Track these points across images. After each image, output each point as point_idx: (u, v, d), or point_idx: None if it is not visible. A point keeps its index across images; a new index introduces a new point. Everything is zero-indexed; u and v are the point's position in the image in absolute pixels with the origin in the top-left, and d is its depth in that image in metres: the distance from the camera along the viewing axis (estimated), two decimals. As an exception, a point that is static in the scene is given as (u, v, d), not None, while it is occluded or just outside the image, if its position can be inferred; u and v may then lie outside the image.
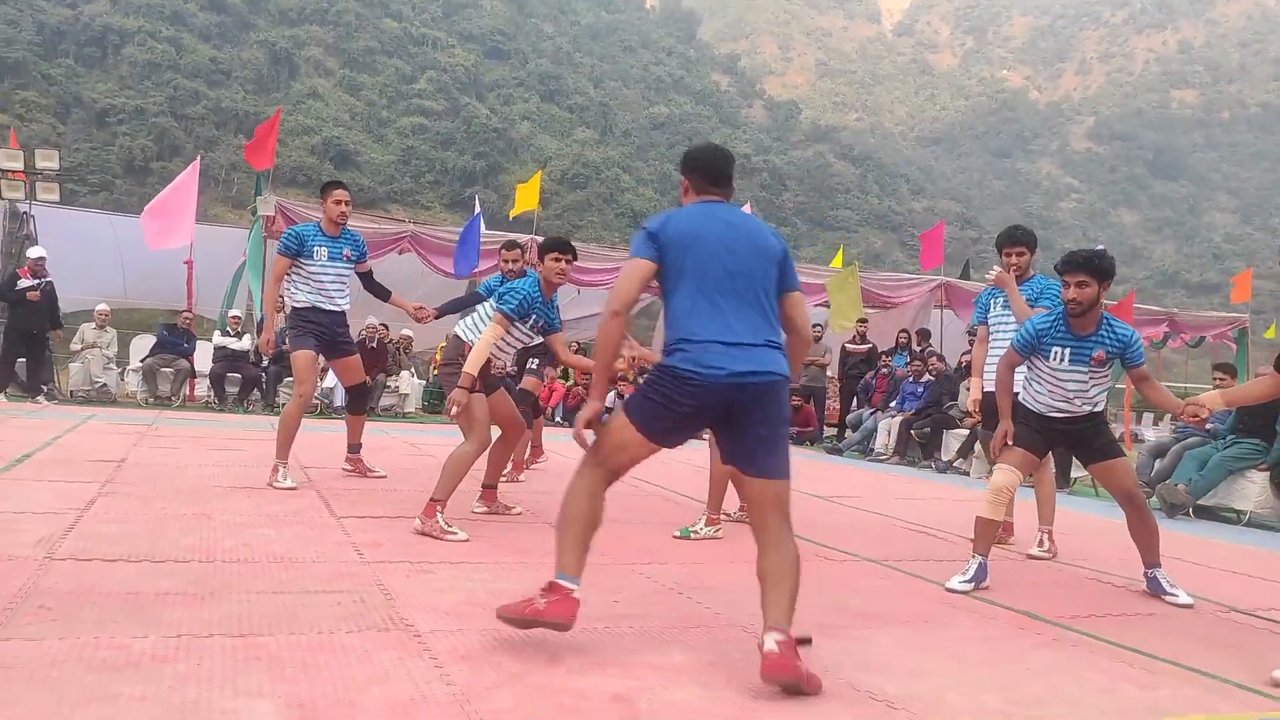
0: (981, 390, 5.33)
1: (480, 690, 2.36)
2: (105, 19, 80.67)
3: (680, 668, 2.68)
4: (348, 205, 5.80)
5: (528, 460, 7.23)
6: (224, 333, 12.54)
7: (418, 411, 13.37)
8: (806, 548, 4.81)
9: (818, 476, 8.32)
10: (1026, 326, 4.27)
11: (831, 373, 14.11)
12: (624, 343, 3.31)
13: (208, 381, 12.50)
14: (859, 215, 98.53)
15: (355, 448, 6.41)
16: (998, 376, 4.45)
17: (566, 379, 13.42)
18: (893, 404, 11.91)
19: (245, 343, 12.47)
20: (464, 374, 4.42)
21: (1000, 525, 4.12)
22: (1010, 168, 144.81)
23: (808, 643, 2.77)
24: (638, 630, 3.04)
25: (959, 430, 10.35)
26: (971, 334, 6.67)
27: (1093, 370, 4.12)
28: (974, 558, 4.08)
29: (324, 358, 5.97)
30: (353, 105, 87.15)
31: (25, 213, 13.52)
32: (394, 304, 6.15)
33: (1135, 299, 17.18)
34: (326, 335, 5.85)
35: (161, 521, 4.27)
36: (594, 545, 2.81)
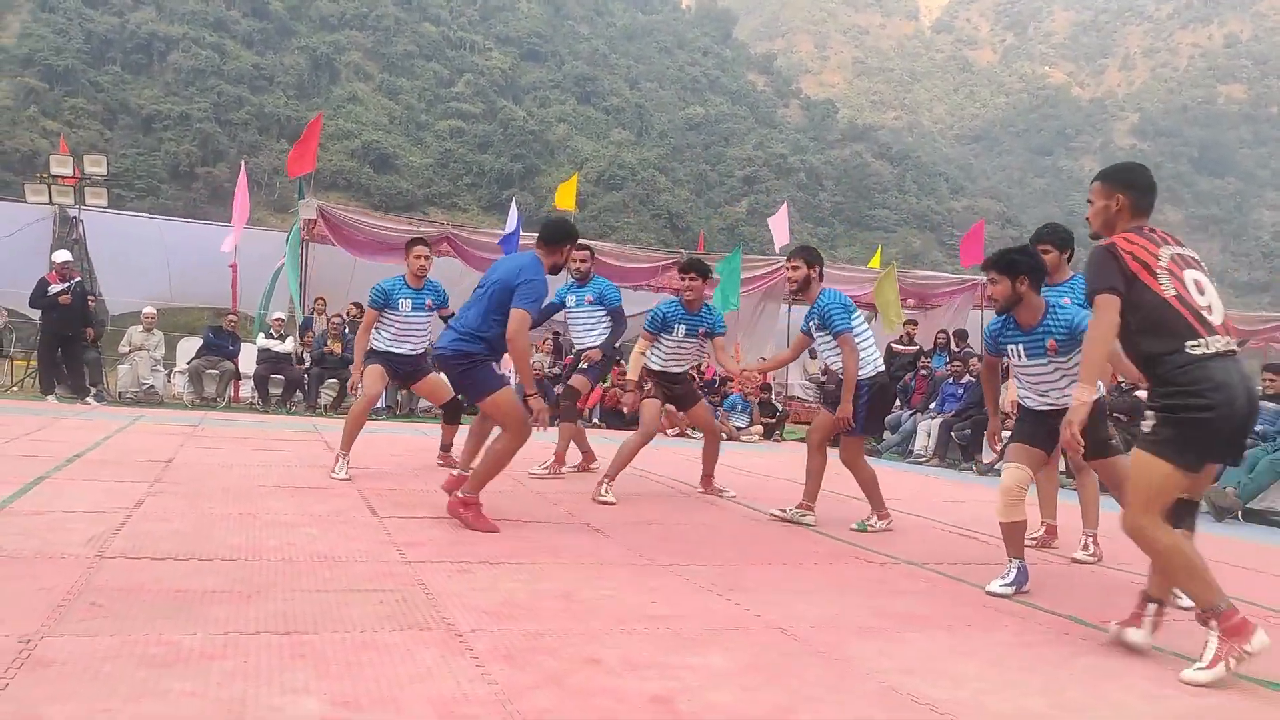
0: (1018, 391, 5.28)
1: (521, 689, 2.38)
2: (151, 26, 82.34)
3: (718, 669, 2.67)
4: (428, 260, 6.42)
5: (579, 465, 7.28)
6: (267, 335, 12.74)
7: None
8: (845, 550, 4.81)
9: (856, 478, 8.23)
10: (986, 329, 4.46)
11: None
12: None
13: (252, 383, 12.73)
14: (897, 215, 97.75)
15: (447, 446, 7.04)
16: (981, 378, 4.51)
17: (605, 380, 13.42)
18: (932, 405, 11.80)
19: (288, 345, 12.68)
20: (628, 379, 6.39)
21: (1024, 524, 4.05)
22: (1052, 165, 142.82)
23: None
24: (675, 631, 3.04)
25: (1001, 432, 10.20)
26: None
27: (1054, 361, 4.18)
28: (1011, 561, 4.03)
29: (406, 387, 6.37)
30: (391, 109, 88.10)
31: (75, 217, 13.85)
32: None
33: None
34: (400, 371, 6.57)
35: (208, 521, 4.35)
36: (631, 545, 2.81)
